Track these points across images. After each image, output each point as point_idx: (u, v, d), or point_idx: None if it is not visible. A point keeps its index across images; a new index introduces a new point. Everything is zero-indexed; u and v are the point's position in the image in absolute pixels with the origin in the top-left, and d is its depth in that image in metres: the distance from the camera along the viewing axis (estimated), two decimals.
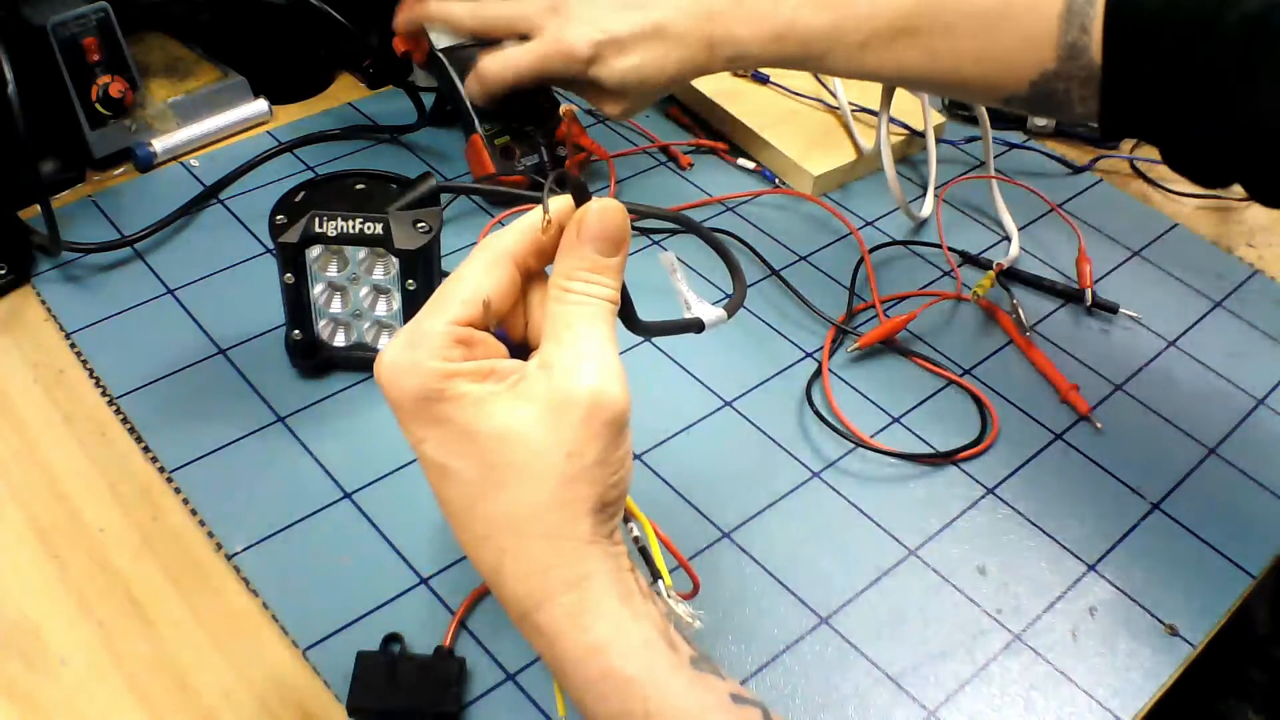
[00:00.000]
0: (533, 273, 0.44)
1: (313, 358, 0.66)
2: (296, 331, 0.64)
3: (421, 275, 0.62)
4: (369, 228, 0.60)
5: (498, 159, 0.78)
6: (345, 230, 0.60)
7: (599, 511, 0.41)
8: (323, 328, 0.65)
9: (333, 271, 0.63)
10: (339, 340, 0.66)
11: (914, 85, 0.66)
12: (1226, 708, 0.74)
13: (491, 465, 0.41)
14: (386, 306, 0.65)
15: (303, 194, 0.62)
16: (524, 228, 0.43)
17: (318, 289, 0.63)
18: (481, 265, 0.42)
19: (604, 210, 0.42)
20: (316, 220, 0.60)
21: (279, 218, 0.61)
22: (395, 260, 0.62)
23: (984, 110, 0.83)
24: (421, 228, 0.61)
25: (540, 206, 0.42)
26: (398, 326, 0.65)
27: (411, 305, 0.62)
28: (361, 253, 0.62)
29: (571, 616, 0.41)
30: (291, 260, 0.61)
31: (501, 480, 0.41)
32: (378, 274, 0.63)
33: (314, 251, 0.61)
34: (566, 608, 0.41)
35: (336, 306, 0.64)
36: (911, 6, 0.63)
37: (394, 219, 0.60)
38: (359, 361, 0.66)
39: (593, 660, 0.41)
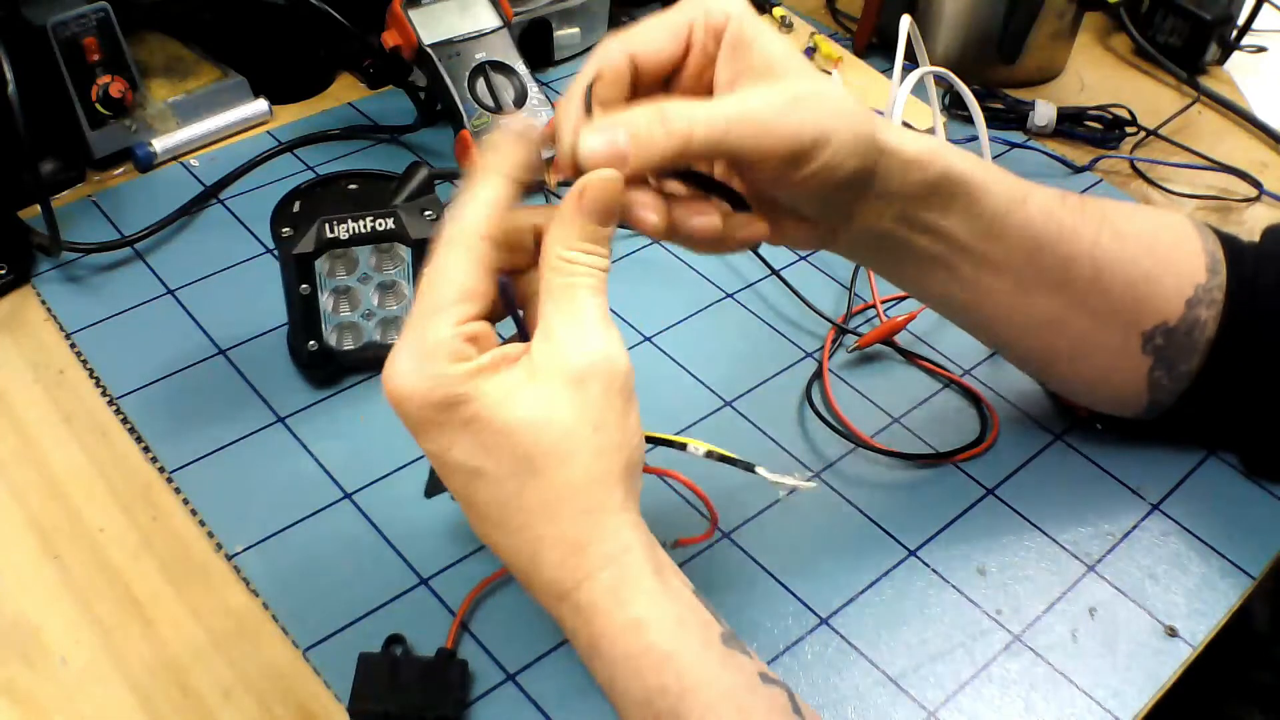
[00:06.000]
0: (502, 243, 0.43)
1: (327, 366, 0.65)
2: (312, 343, 0.63)
3: None
4: (380, 224, 0.60)
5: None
6: (357, 231, 0.59)
7: (626, 479, 0.42)
8: (329, 333, 0.64)
9: (341, 275, 0.62)
10: (348, 344, 0.65)
11: (1075, 263, 0.55)
12: (1234, 710, 0.74)
13: (524, 455, 0.41)
14: (396, 301, 0.65)
15: (299, 202, 0.61)
16: (487, 202, 0.43)
17: (324, 296, 0.62)
18: (461, 256, 0.42)
19: (603, 182, 0.42)
20: (326, 226, 0.59)
21: (285, 230, 0.59)
22: (405, 253, 0.62)
23: (978, 109, 0.83)
24: (429, 215, 0.61)
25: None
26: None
27: None
28: (369, 252, 0.62)
29: (612, 591, 0.41)
30: (306, 270, 0.60)
31: (536, 467, 0.41)
32: (388, 270, 0.63)
33: (320, 258, 0.61)
34: (607, 583, 0.41)
35: (345, 310, 0.64)
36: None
37: (403, 211, 0.60)
38: (373, 361, 0.65)
39: (631, 635, 0.41)
